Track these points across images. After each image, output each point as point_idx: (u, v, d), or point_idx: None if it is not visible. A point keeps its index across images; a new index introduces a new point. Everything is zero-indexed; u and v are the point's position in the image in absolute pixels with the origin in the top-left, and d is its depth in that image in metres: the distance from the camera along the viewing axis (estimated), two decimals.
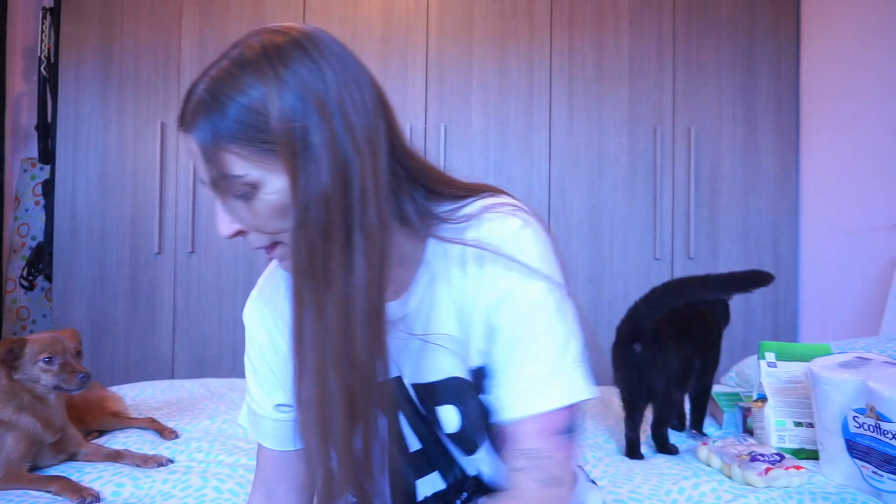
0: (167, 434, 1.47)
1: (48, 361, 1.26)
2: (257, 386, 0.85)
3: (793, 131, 2.85)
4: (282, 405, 0.83)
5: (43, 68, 2.90)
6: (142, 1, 2.84)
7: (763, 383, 1.47)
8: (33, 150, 3.08)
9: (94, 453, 1.33)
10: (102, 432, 1.51)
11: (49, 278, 2.92)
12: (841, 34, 2.64)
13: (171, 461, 1.33)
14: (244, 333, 0.86)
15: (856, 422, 1.22)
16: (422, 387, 0.77)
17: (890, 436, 1.16)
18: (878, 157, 2.40)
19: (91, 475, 1.24)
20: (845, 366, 1.28)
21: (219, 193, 0.66)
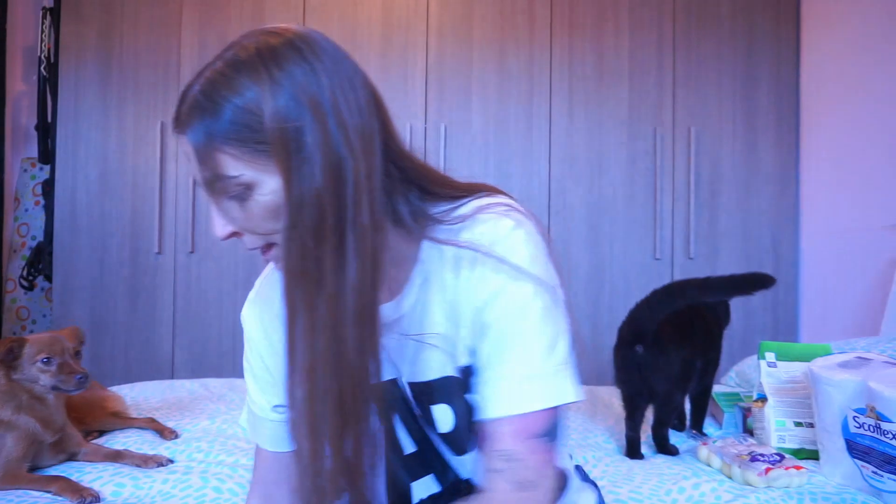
0: (167, 434, 1.47)
1: (46, 362, 1.25)
2: (255, 387, 0.85)
3: (793, 131, 2.85)
4: (279, 406, 0.83)
5: (43, 68, 2.90)
6: (142, 1, 2.84)
7: (763, 383, 1.47)
8: (33, 149, 3.08)
9: (94, 453, 1.33)
10: (102, 432, 1.51)
11: (49, 278, 2.92)
12: (841, 34, 2.64)
13: (171, 461, 1.33)
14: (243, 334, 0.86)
15: (856, 422, 1.22)
16: (417, 386, 0.77)
17: (890, 436, 1.16)
18: (878, 157, 2.40)
19: (91, 475, 1.24)
20: (845, 366, 1.28)
21: (213, 194, 0.66)
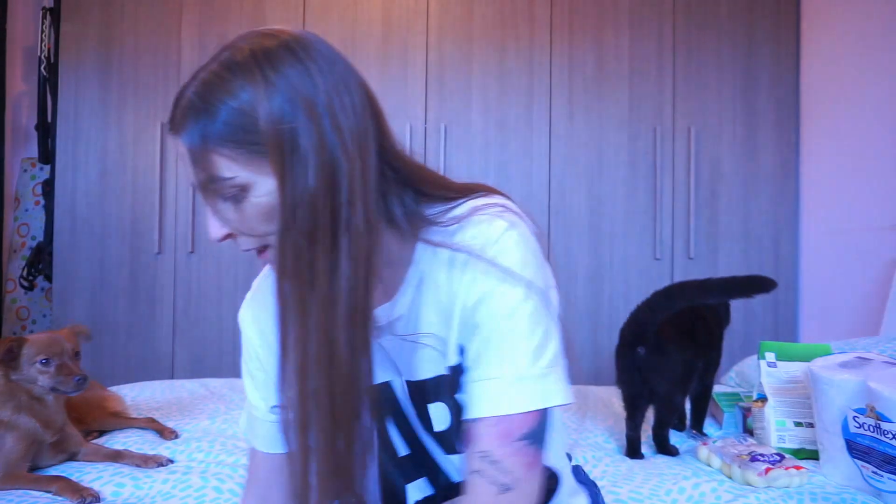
0: (167, 434, 1.47)
1: (45, 363, 1.25)
2: (253, 388, 0.85)
3: (793, 131, 2.85)
4: (277, 407, 0.83)
5: (43, 68, 2.90)
6: (142, 1, 2.84)
7: (763, 383, 1.47)
8: (33, 149, 3.08)
9: (94, 453, 1.33)
10: (102, 432, 1.51)
11: (49, 278, 2.92)
12: (841, 34, 2.64)
13: (171, 461, 1.33)
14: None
15: (856, 422, 1.22)
16: (414, 384, 0.77)
17: (890, 436, 1.16)
18: (878, 157, 2.40)
19: (91, 475, 1.24)
20: (845, 366, 1.29)
21: (208, 196, 0.67)
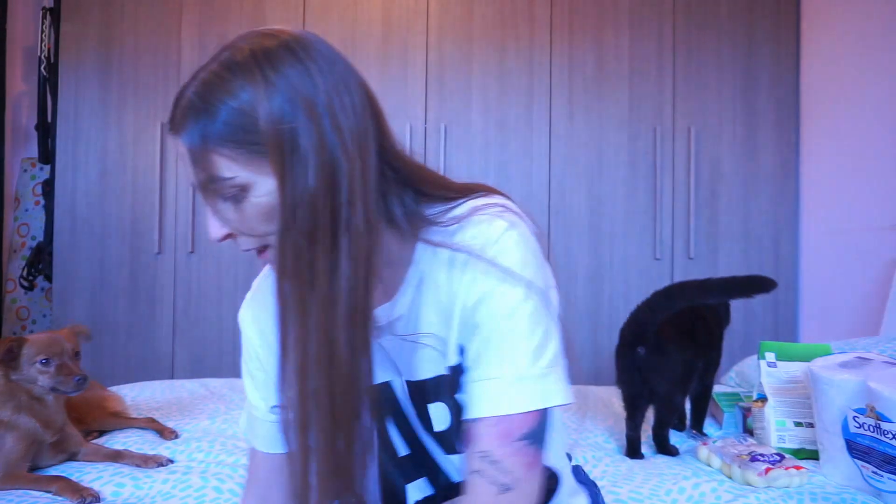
0: (167, 434, 1.47)
1: (45, 363, 1.25)
2: (253, 388, 0.85)
3: (793, 131, 2.85)
4: (277, 406, 0.83)
5: (43, 68, 2.90)
6: (142, 1, 2.84)
7: (763, 383, 1.47)
8: (33, 150, 3.08)
9: (94, 453, 1.33)
10: (102, 432, 1.51)
11: (49, 278, 2.92)
12: (841, 34, 2.64)
13: (171, 461, 1.33)
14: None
15: (856, 422, 1.22)
16: (414, 384, 0.77)
17: (890, 436, 1.16)
18: (878, 157, 2.40)
19: (91, 475, 1.24)
20: (845, 366, 1.29)
21: (208, 196, 0.67)
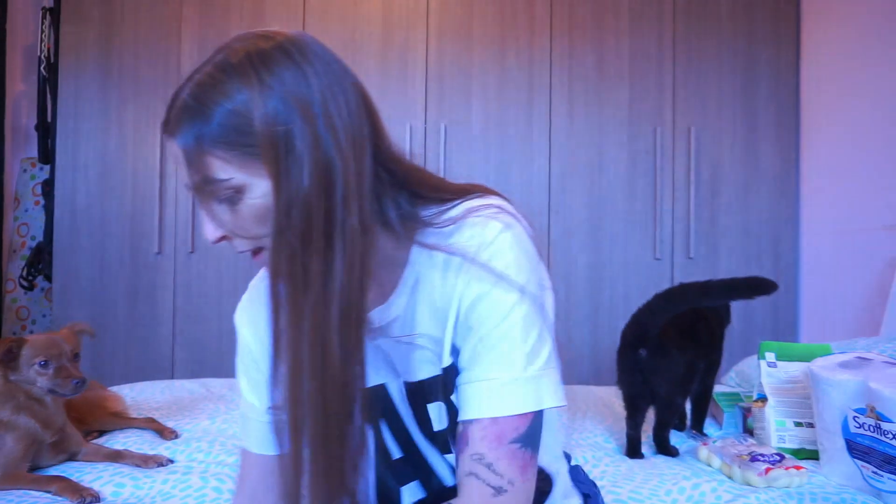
0: (167, 434, 1.47)
1: (44, 365, 1.25)
2: (249, 389, 0.84)
3: (793, 131, 2.85)
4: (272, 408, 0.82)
5: (43, 68, 2.90)
6: (142, 1, 2.84)
7: (763, 383, 1.47)
8: (33, 150, 3.07)
9: (94, 453, 1.33)
10: (102, 432, 1.51)
11: (49, 278, 2.92)
12: (841, 34, 2.64)
13: (171, 461, 1.33)
14: None
15: (856, 422, 1.22)
16: (412, 385, 0.77)
17: (890, 436, 1.16)
18: (878, 157, 2.40)
19: (91, 475, 1.24)
20: (845, 366, 1.28)
21: (203, 198, 0.67)
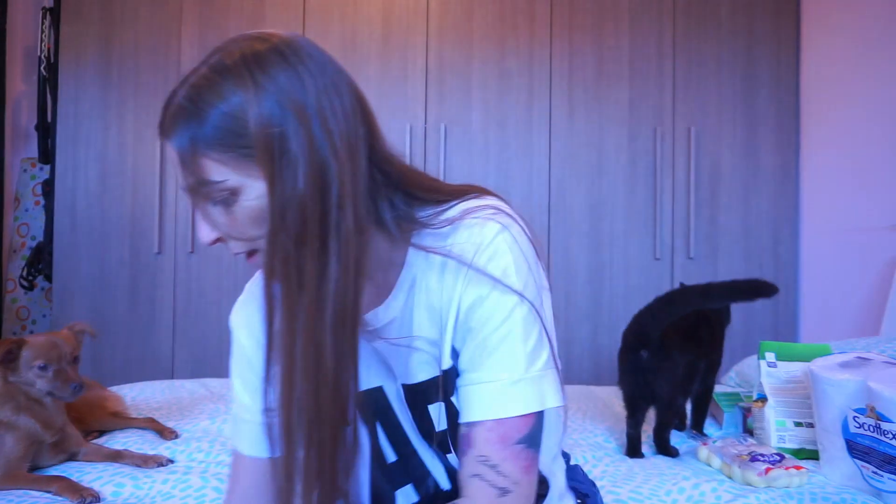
0: (167, 434, 1.47)
1: (43, 368, 1.25)
2: (243, 390, 0.84)
3: (793, 131, 2.85)
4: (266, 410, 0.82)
5: (43, 68, 2.90)
6: (142, 1, 2.84)
7: (763, 383, 1.47)
8: (33, 150, 3.08)
9: (94, 453, 1.33)
10: (102, 432, 1.51)
11: (49, 278, 2.92)
12: (841, 35, 2.64)
13: (171, 461, 1.33)
14: None
15: (856, 422, 1.22)
16: (411, 387, 0.77)
17: (890, 436, 1.16)
18: (878, 157, 2.40)
19: (91, 475, 1.24)
20: (845, 366, 1.28)
21: (198, 200, 0.66)
